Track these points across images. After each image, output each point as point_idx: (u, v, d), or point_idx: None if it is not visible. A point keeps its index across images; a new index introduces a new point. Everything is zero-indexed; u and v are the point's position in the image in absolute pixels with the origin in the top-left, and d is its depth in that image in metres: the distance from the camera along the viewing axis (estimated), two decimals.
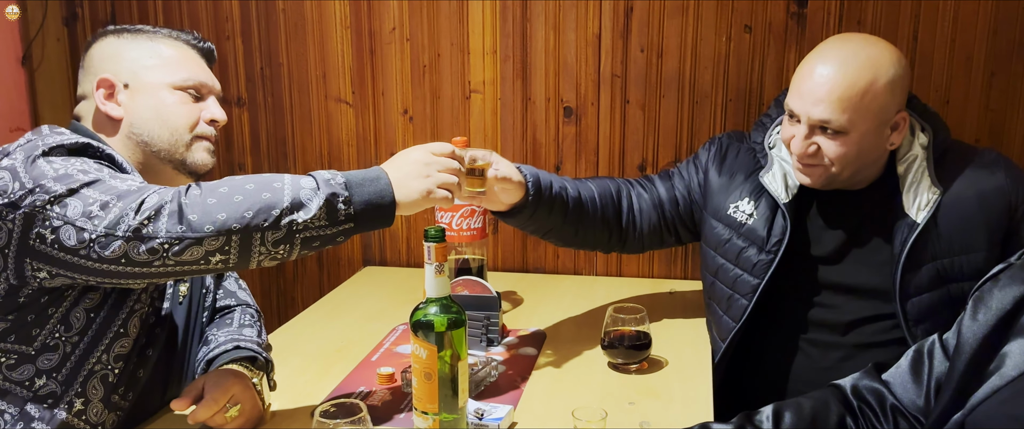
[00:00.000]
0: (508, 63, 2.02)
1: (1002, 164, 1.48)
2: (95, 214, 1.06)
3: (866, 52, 1.40)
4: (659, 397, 1.38)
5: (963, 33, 1.81)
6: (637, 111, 1.99)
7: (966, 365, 1.04)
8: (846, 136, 1.40)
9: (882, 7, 1.82)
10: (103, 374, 1.23)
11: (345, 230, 1.12)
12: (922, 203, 1.44)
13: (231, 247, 1.07)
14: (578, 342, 1.61)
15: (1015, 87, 1.81)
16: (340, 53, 2.12)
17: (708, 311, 1.68)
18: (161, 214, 1.05)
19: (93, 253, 1.06)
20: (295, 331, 1.72)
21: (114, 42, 1.34)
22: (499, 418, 1.23)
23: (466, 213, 1.69)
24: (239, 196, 1.08)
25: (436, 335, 1.12)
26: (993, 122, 1.83)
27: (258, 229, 1.07)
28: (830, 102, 1.38)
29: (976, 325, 1.05)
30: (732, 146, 1.65)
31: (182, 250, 1.05)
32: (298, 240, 1.09)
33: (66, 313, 1.20)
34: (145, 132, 1.31)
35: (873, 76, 1.38)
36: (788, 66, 1.89)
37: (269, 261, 1.11)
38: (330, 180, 1.12)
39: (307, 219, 1.08)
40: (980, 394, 1.00)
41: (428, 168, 1.20)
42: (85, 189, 1.09)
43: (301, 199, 1.09)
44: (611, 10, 1.94)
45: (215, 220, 1.05)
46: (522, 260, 2.13)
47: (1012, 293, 1.03)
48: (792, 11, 1.87)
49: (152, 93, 1.32)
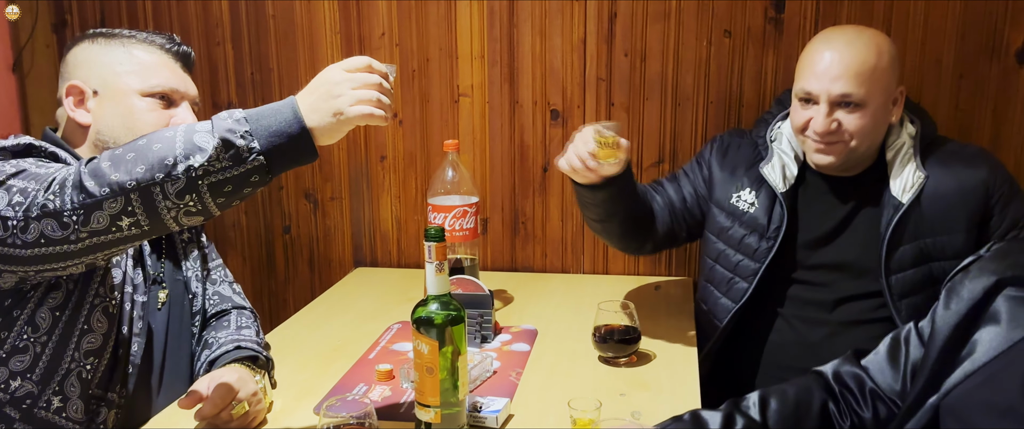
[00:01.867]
0: (496, 67, 2.07)
1: (983, 156, 1.60)
2: (16, 201, 1.07)
3: (866, 35, 1.54)
4: (648, 388, 1.43)
5: (933, 37, 1.88)
6: (622, 113, 2.04)
7: (939, 352, 1.10)
8: (864, 109, 1.51)
9: (856, 10, 1.89)
10: (78, 371, 1.25)
11: (257, 168, 1.04)
12: (907, 185, 1.55)
13: (135, 206, 1.04)
14: (569, 338, 1.66)
15: (982, 88, 1.89)
16: (330, 58, 2.16)
17: (703, 295, 1.76)
18: (65, 187, 1.05)
19: (17, 239, 1.07)
20: (291, 332, 1.75)
21: (88, 48, 1.36)
22: (496, 411, 1.28)
23: (459, 214, 1.74)
24: (131, 153, 1.04)
25: (437, 331, 1.17)
26: (962, 121, 1.90)
27: (154, 182, 1.02)
28: (848, 77, 1.49)
29: (949, 314, 1.12)
30: (733, 142, 1.76)
31: (87, 218, 1.04)
32: (204, 186, 1.03)
33: (31, 314, 1.21)
34: (111, 139, 1.32)
35: (878, 53, 1.51)
36: (766, 69, 1.96)
37: (185, 217, 1.06)
38: (227, 118, 1.05)
39: (204, 162, 1.02)
40: (953, 379, 1.07)
41: (340, 86, 1.08)
42: (11, 180, 1.10)
43: (195, 143, 1.03)
44: (595, 16, 2.00)
45: (110, 181, 1.03)
46: (511, 259, 2.18)
47: (982, 283, 1.10)
48: (770, 16, 1.94)
49: (121, 100, 1.33)
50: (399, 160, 2.18)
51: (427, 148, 2.16)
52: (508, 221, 2.16)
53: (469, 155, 2.13)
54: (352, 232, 2.26)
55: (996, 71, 1.87)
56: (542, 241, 2.16)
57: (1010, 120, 1.89)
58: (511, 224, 2.16)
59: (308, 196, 2.26)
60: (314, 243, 2.29)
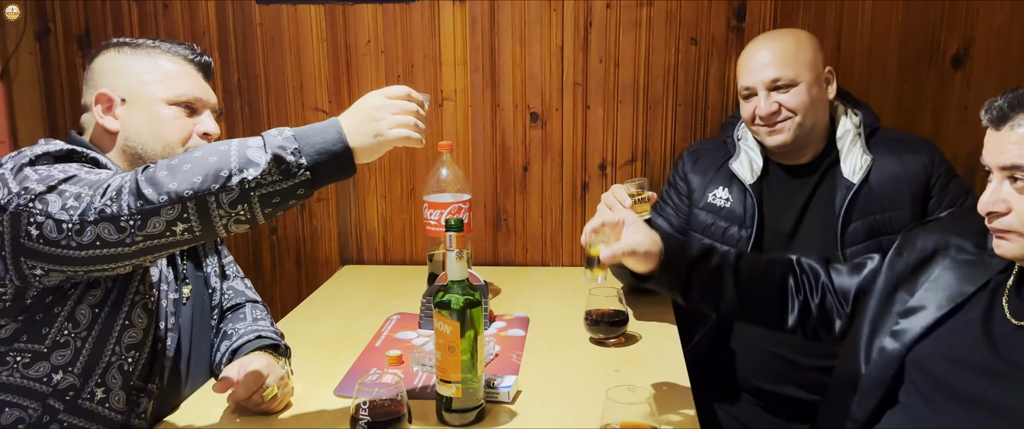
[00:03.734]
0: (478, 73, 2.19)
1: (924, 142, 1.81)
2: (70, 205, 1.12)
3: (784, 31, 1.85)
4: (639, 365, 1.57)
5: (878, 44, 2.08)
6: (597, 116, 2.19)
7: (890, 289, 1.34)
8: (797, 87, 1.73)
9: (810, 18, 2.07)
10: (119, 364, 1.31)
11: (303, 182, 1.13)
12: (857, 167, 1.75)
13: (190, 214, 1.10)
14: (558, 323, 1.79)
15: (922, 90, 2.09)
16: (316, 65, 2.25)
17: None
18: (122, 193, 1.11)
19: (73, 242, 1.13)
20: (292, 326, 1.83)
21: (114, 56, 1.41)
22: (508, 386, 1.40)
23: (453, 210, 1.85)
24: (188, 164, 1.12)
25: (458, 313, 1.28)
26: (904, 120, 2.10)
27: (210, 193, 1.10)
28: (774, 64, 1.74)
29: (899, 260, 1.35)
30: (702, 148, 1.95)
31: (144, 223, 1.10)
32: (255, 198, 1.11)
33: (71, 311, 1.26)
34: (140, 145, 1.38)
35: (796, 41, 1.77)
36: (730, 74, 2.12)
37: (235, 225, 1.14)
38: (277, 135, 1.14)
39: (257, 176, 1.10)
40: (914, 332, 1.25)
41: (381, 111, 1.19)
42: (62, 185, 1.16)
43: (248, 157, 1.11)
44: (572, 25, 2.14)
45: (169, 190, 1.10)
46: (494, 254, 2.30)
47: (933, 240, 1.32)
48: (732, 25, 2.11)
49: (148, 107, 1.39)
50: (385, 161, 2.28)
51: (412, 150, 2.26)
52: (491, 218, 2.28)
53: (453, 155, 2.24)
54: (339, 231, 2.35)
55: (934, 75, 2.08)
56: (523, 236, 2.29)
57: (946, 119, 2.10)
58: (494, 221, 2.28)
59: None
60: (301, 243, 2.38)
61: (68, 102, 2.34)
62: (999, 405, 1.14)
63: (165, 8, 2.25)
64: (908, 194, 1.74)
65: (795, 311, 1.47)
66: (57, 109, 2.35)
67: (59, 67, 2.32)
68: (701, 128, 2.17)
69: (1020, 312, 1.19)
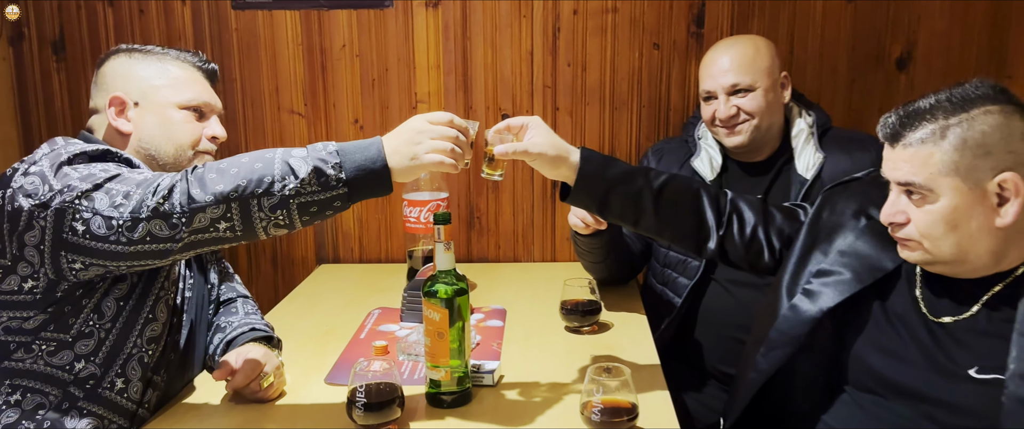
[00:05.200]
0: (451, 76, 2.28)
1: (872, 140, 1.91)
2: (120, 203, 1.20)
3: (743, 38, 1.94)
4: (612, 350, 1.67)
5: (829, 48, 2.21)
6: (566, 117, 2.28)
7: (808, 246, 1.44)
8: (754, 92, 1.86)
9: (765, 24, 2.20)
10: (140, 356, 1.37)
11: (340, 195, 1.21)
12: (810, 164, 1.87)
13: (233, 214, 1.18)
14: (534, 314, 1.88)
15: (870, 90, 2.23)
16: (292, 69, 2.31)
17: (660, 277, 2.01)
18: (174, 192, 1.19)
19: (123, 237, 1.20)
20: (274, 322, 1.83)
21: (126, 61, 1.46)
22: (492, 370, 1.48)
23: (433, 207, 1.93)
24: (235, 168, 1.20)
25: (446, 301, 1.36)
26: (854, 120, 2.24)
27: (253, 196, 1.18)
28: (734, 71, 1.85)
29: (819, 222, 1.45)
30: (665, 147, 2.05)
31: (192, 218, 1.18)
32: (293, 205, 1.19)
33: (98, 303, 1.32)
34: (152, 147, 1.44)
35: (755, 48, 1.88)
36: (690, 77, 2.24)
37: (275, 228, 1.21)
38: (321, 149, 1.22)
39: (297, 185, 1.18)
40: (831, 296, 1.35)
41: (421, 135, 1.26)
42: (108, 183, 1.23)
43: (291, 166, 1.19)
44: (541, 30, 2.24)
45: (215, 190, 1.18)
46: (467, 251, 2.38)
47: (853, 206, 1.42)
48: (692, 31, 2.22)
49: (160, 111, 1.44)
50: None
51: None
52: (464, 216, 2.36)
53: None
54: (315, 231, 2.41)
55: (881, 77, 2.22)
56: (495, 234, 2.37)
57: None
58: (467, 219, 2.36)
59: None
60: (277, 243, 2.42)
61: (42, 106, 2.36)
62: (936, 398, 1.24)
63: (141, 13, 2.29)
64: None
65: (713, 240, 1.51)
66: (31, 114, 2.36)
67: (33, 72, 2.34)
68: (664, 128, 2.28)
69: (936, 309, 1.28)
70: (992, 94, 1.18)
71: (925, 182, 1.19)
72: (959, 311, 1.25)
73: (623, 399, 1.27)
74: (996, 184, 1.16)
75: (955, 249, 1.20)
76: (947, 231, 1.19)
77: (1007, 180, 1.15)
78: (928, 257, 1.23)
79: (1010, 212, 1.16)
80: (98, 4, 2.29)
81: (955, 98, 1.18)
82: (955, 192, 1.17)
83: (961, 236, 1.19)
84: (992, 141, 1.15)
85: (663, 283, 2.00)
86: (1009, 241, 1.19)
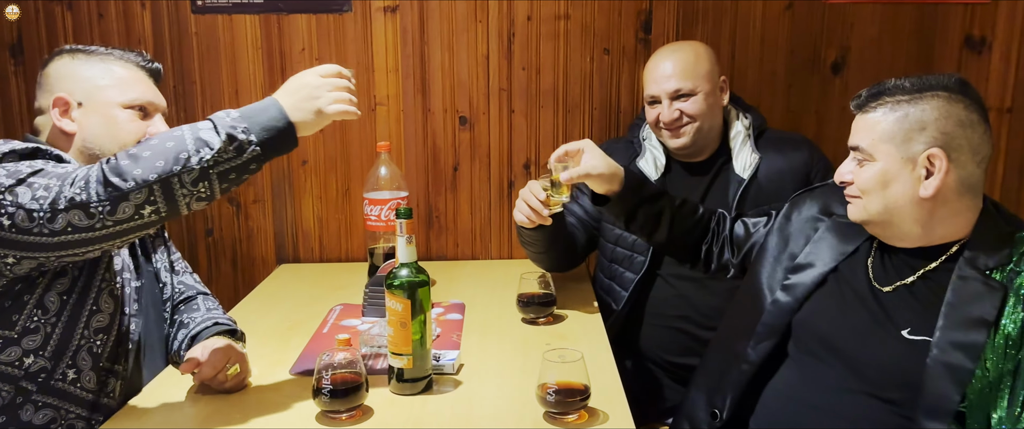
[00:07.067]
0: (409, 79, 2.34)
1: (805, 141, 2.06)
2: (41, 195, 1.21)
3: (685, 44, 2.04)
4: (567, 339, 1.75)
5: (768, 54, 2.33)
6: (521, 119, 2.37)
7: (782, 246, 1.58)
8: (696, 96, 1.95)
9: (708, 30, 2.31)
10: (88, 346, 1.40)
11: (255, 156, 1.24)
12: (747, 165, 1.98)
13: (156, 196, 1.21)
14: (492, 307, 1.95)
15: (806, 93, 2.36)
16: (251, 72, 2.35)
17: (608, 272, 2.09)
18: (90, 182, 1.20)
19: (45, 229, 1.22)
20: (237, 319, 1.90)
21: (69, 63, 1.49)
22: (452, 359, 1.55)
23: (393, 206, 2.00)
24: (147, 152, 1.22)
25: (408, 292, 1.42)
26: (792, 122, 2.36)
27: (173, 174, 1.20)
28: (677, 77, 1.95)
29: (789, 224, 1.59)
30: (611, 147, 2.10)
31: (114, 208, 1.19)
32: (214, 175, 1.22)
33: (41, 298, 1.35)
34: (96, 146, 1.47)
35: (695, 54, 1.97)
36: (638, 80, 2.34)
37: (197, 202, 1.24)
38: (225, 117, 1.24)
39: (214, 155, 1.21)
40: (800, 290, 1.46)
41: (318, 90, 1.30)
42: (31, 177, 1.25)
43: (203, 139, 1.22)
44: (496, 35, 2.32)
45: (135, 176, 1.19)
46: (426, 250, 2.45)
47: (817, 206, 1.56)
48: (640, 37, 2.33)
49: (104, 111, 1.47)
50: (320, 163, 2.40)
51: (347, 152, 2.39)
52: (423, 216, 2.43)
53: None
54: (275, 232, 2.45)
55: (817, 81, 2.35)
56: (454, 232, 2.44)
57: (829, 120, 2.37)
58: (425, 218, 2.43)
59: (231, 200, 2.43)
60: (237, 244, 2.46)
61: None
62: (868, 357, 1.36)
63: (100, 16, 2.31)
64: (792, 187, 1.93)
65: (702, 255, 1.79)
66: None
67: None
68: (614, 129, 2.38)
69: (882, 279, 1.42)
70: (951, 85, 1.33)
71: (867, 147, 1.36)
72: (900, 280, 1.39)
73: (576, 381, 1.35)
74: (925, 157, 1.31)
75: (882, 208, 1.36)
76: (878, 188, 1.35)
77: (935, 155, 1.30)
78: (864, 214, 1.40)
79: (931, 185, 1.31)
80: (56, 7, 2.31)
81: (916, 83, 1.35)
82: (888, 157, 1.34)
83: (888, 196, 1.35)
84: (929, 119, 1.31)
85: (610, 277, 2.09)
86: (934, 216, 1.34)
